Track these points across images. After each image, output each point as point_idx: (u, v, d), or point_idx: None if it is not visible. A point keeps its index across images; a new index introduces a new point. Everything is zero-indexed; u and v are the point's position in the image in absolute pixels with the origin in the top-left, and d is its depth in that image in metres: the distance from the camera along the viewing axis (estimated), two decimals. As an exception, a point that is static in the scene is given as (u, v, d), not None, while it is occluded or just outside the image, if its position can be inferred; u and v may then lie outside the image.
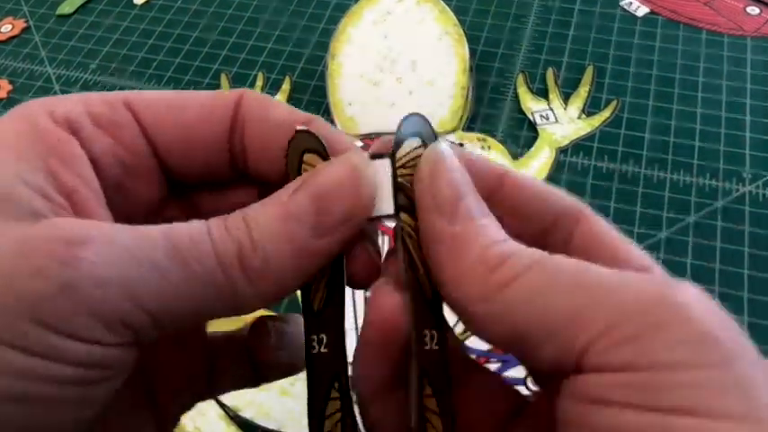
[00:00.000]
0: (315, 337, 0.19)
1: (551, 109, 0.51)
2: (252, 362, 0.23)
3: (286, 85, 0.54)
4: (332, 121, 0.50)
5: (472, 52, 0.53)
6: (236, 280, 0.17)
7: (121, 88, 0.55)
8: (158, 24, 0.60)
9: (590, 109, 0.51)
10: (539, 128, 0.50)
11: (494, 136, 0.50)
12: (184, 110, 0.20)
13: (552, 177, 0.47)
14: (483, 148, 0.49)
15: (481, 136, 0.49)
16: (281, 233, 0.18)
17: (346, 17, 0.56)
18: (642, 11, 0.57)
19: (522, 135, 0.50)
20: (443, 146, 0.19)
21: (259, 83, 0.54)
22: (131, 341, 0.17)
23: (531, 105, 0.51)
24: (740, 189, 0.46)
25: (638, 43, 0.55)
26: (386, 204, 0.20)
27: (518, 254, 0.17)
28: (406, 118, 0.20)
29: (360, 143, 0.49)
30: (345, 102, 0.51)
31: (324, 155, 0.19)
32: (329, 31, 0.56)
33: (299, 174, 0.19)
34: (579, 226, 0.20)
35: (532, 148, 0.49)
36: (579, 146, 0.49)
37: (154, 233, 0.17)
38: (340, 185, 0.18)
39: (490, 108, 0.52)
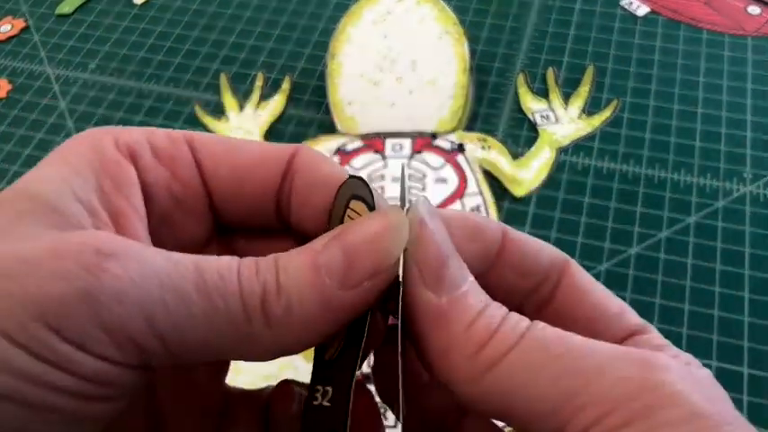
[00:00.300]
0: (320, 387, 0.19)
1: (552, 109, 0.51)
2: (267, 426, 0.23)
3: (286, 85, 0.54)
4: (332, 121, 0.50)
5: (472, 52, 0.53)
6: (255, 322, 0.17)
7: (121, 88, 0.55)
8: (158, 24, 0.60)
9: (590, 109, 0.51)
10: (539, 128, 0.50)
11: (494, 136, 0.50)
12: (241, 155, 0.21)
13: (552, 177, 0.47)
14: (483, 147, 0.49)
15: (481, 136, 0.49)
16: (309, 282, 0.17)
17: (346, 17, 0.56)
18: (642, 10, 0.57)
19: (522, 135, 0.50)
20: (423, 208, 0.19)
21: (259, 83, 0.54)
22: (138, 364, 0.16)
23: (532, 105, 0.51)
24: (741, 189, 0.46)
25: (639, 43, 0.55)
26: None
27: (503, 326, 0.17)
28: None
29: (360, 143, 0.49)
30: (345, 101, 0.51)
31: (370, 204, 0.19)
32: (329, 30, 0.56)
33: (342, 221, 0.19)
34: (565, 278, 0.20)
35: (533, 148, 0.49)
36: (579, 146, 0.49)
37: (186, 261, 0.17)
38: (373, 240, 0.18)
39: (490, 108, 0.52)
